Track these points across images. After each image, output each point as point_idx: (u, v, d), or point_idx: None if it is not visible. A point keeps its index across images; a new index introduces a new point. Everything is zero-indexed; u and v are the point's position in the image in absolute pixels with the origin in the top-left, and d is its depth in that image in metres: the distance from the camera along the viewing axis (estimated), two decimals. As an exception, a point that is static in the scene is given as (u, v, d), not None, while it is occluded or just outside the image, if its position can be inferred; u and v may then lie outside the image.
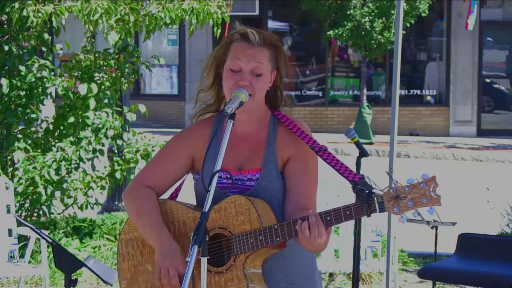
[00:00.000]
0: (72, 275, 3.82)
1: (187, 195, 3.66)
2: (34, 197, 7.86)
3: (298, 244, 3.35)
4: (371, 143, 18.62)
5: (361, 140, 6.89)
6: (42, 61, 8.15)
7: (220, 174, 3.31)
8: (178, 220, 3.41)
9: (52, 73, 8.15)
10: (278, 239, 3.21)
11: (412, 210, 3.12)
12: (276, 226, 3.21)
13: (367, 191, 3.16)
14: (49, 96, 8.14)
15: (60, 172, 7.84)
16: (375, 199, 3.14)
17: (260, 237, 3.21)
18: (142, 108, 8.34)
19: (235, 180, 3.37)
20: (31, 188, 7.83)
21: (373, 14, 19.42)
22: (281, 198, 3.38)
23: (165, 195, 3.54)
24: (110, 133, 8.13)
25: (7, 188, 6.84)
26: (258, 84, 3.34)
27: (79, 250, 7.85)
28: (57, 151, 7.96)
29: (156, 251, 3.36)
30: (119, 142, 8.27)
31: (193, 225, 3.33)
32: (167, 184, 3.49)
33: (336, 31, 19.65)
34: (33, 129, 8.33)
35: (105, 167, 8.53)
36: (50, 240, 3.90)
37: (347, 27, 19.52)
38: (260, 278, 3.30)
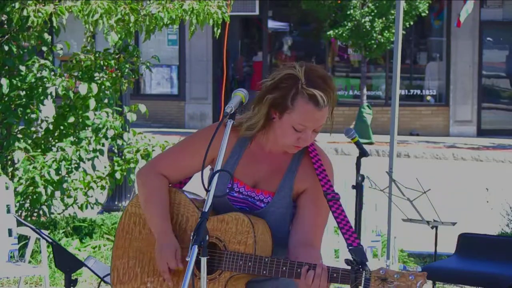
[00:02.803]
0: (72, 275, 3.82)
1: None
2: (34, 197, 7.85)
3: None
4: (371, 143, 18.62)
5: (361, 140, 6.89)
6: (42, 61, 8.15)
7: (232, 186, 3.33)
8: (183, 214, 3.44)
9: (52, 73, 8.16)
10: (264, 272, 3.21)
11: None
12: (266, 259, 3.22)
13: (360, 261, 3.16)
14: (49, 96, 8.14)
15: (60, 172, 7.83)
16: (364, 273, 3.13)
17: (249, 264, 3.23)
18: (142, 108, 8.34)
19: (246, 196, 3.37)
20: (31, 188, 7.82)
21: (373, 14, 19.42)
22: (286, 226, 3.39)
23: None
24: (110, 133, 8.13)
25: (7, 188, 6.84)
26: (315, 136, 3.33)
27: (79, 250, 7.85)
28: (57, 151, 7.96)
29: (155, 242, 3.40)
30: (119, 142, 8.27)
31: (195, 224, 3.36)
32: (181, 177, 3.51)
33: (336, 31, 19.65)
34: (33, 129, 8.32)
35: (105, 167, 8.53)
36: (50, 240, 3.91)
37: (347, 27, 19.52)
38: None
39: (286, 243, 3.36)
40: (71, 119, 8.07)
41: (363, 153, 4.74)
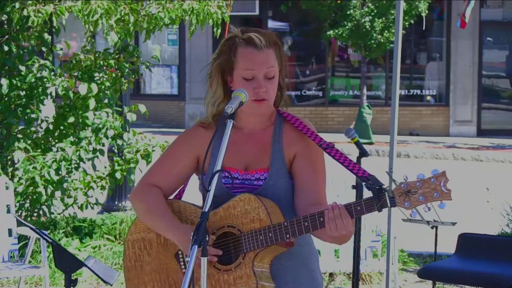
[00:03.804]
0: (72, 275, 3.82)
1: (192, 196, 3.67)
2: (34, 197, 7.86)
3: (306, 244, 3.40)
4: (371, 143, 18.63)
5: (361, 140, 6.89)
6: (42, 61, 8.16)
7: (225, 174, 3.31)
8: (186, 219, 3.42)
9: (52, 73, 8.16)
10: (288, 235, 3.23)
11: (423, 204, 3.14)
12: (285, 223, 3.23)
13: (377, 187, 3.18)
14: (49, 96, 8.14)
15: (60, 172, 7.84)
16: (386, 194, 3.17)
17: (270, 234, 3.23)
18: (142, 108, 8.35)
19: (242, 179, 3.38)
20: (31, 188, 7.83)
21: (373, 14, 19.43)
22: (289, 196, 3.39)
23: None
24: (110, 133, 8.13)
25: (7, 188, 6.84)
26: (273, 87, 3.36)
27: (79, 250, 7.85)
28: (57, 151, 7.96)
29: (175, 241, 3.35)
30: (119, 142, 8.27)
31: None
32: (174, 185, 3.49)
33: (336, 31, 19.66)
34: (33, 129, 8.32)
35: (105, 167, 8.53)
36: (50, 240, 3.91)
37: (347, 27, 19.53)
38: (268, 276, 3.32)
39: (293, 215, 3.36)
40: (71, 119, 8.07)
41: (363, 153, 4.74)
